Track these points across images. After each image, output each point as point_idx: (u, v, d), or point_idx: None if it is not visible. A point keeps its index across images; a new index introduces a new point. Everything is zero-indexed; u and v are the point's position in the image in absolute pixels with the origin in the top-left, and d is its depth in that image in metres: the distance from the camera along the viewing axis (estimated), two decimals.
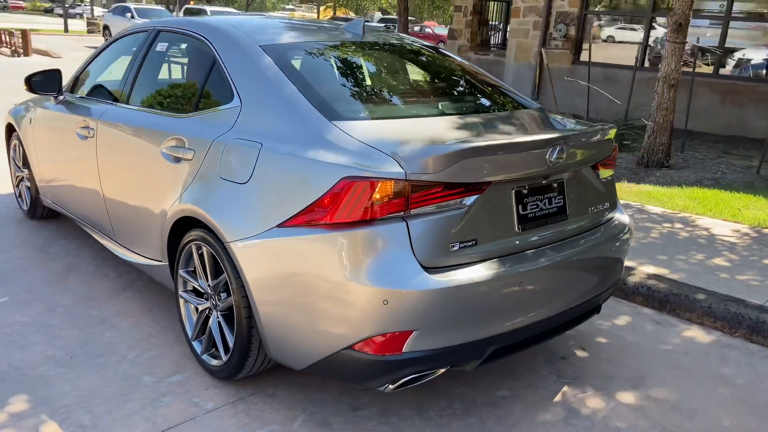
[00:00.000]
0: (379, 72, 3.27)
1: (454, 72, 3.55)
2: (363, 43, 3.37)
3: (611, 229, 3.05)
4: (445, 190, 2.37)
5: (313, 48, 3.18)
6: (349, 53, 3.28)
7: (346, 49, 3.30)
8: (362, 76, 3.16)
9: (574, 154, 2.79)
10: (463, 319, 2.41)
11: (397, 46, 3.58)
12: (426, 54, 3.67)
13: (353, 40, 3.37)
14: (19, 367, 3.03)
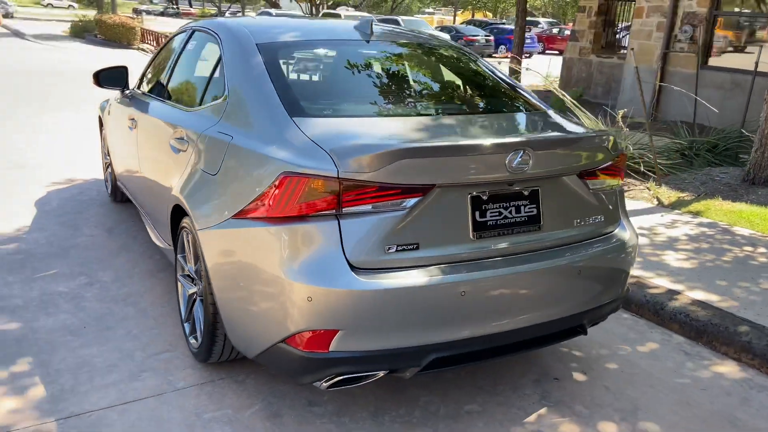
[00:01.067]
0: (367, 71, 3.25)
1: (459, 72, 3.44)
2: (366, 42, 3.36)
3: (604, 246, 2.81)
4: (380, 190, 2.32)
5: (311, 47, 3.24)
6: (345, 52, 3.29)
7: (344, 48, 3.32)
8: (347, 74, 3.16)
9: (549, 161, 2.61)
10: (395, 323, 2.35)
11: (403, 46, 3.53)
12: (434, 54, 3.59)
13: (358, 38, 3.37)
14: (38, 331, 3.37)
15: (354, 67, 3.19)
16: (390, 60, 3.33)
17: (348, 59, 3.27)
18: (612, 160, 2.86)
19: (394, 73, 3.25)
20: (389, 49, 3.43)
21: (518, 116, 3.11)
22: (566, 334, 2.84)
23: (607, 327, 3.71)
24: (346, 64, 3.22)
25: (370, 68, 3.23)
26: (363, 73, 3.20)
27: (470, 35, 29.36)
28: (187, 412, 2.75)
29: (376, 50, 3.37)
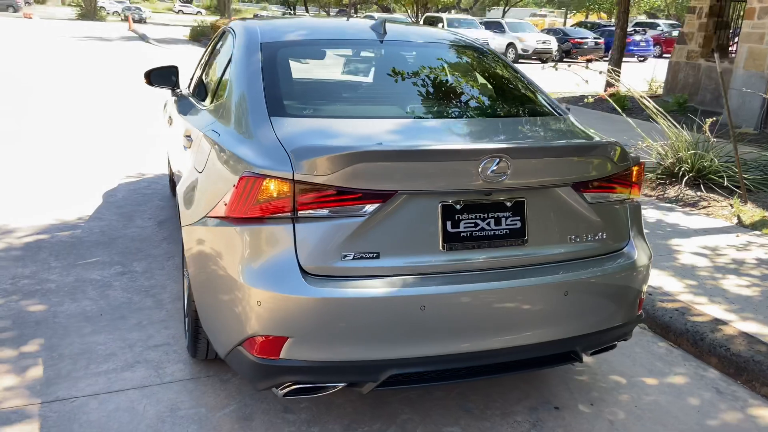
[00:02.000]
0: (367, 71, 3.14)
1: (469, 74, 3.25)
2: (380, 42, 3.24)
3: (606, 266, 2.55)
4: (338, 194, 2.22)
5: (318, 46, 3.17)
6: (350, 52, 3.20)
7: (351, 48, 3.23)
8: (344, 74, 3.07)
9: (536, 170, 2.40)
10: (348, 334, 2.24)
11: (414, 47, 3.38)
12: (446, 55, 3.41)
13: (371, 38, 3.27)
14: (58, 315, 3.54)
15: (354, 67, 3.11)
16: (393, 61, 3.21)
17: (351, 59, 3.18)
18: (618, 171, 2.59)
19: (393, 74, 3.12)
20: (398, 49, 3.30)
21: (515, 121, 2.89)
22: (555, 359, 2.60)
23: (633, 354, 3.39)
24: (347, 64, 3.14)
25: (371, 69, 3.12)
26: (362, 73, 3.10)
27: (578, 38, 28.25)
28: (162, 406, 2.77)
29: (383, 51, 3.26)
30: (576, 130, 2.85)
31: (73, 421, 2.64)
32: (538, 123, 2.90)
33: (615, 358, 3.35)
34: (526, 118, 2.95)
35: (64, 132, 8.53)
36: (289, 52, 3.08)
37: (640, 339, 3.58)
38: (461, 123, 2.76)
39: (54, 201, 5.55)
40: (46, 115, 9.75)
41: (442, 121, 2.76)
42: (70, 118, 9.52)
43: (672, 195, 6.31)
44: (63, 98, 11.44)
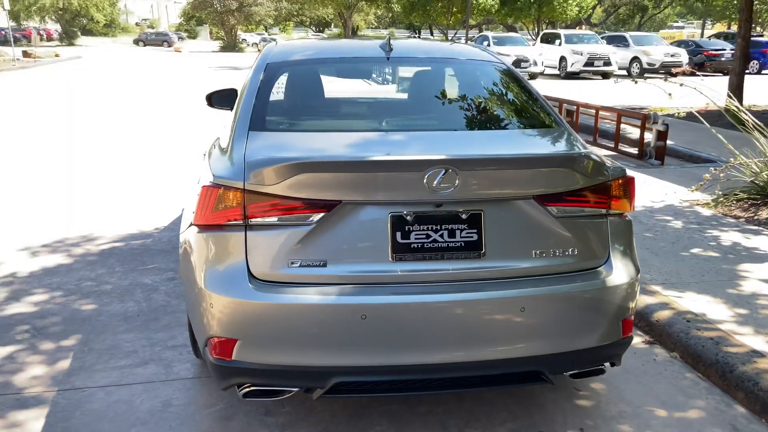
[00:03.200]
0: (361, 87, 3.19)
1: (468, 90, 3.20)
2: (387, 59, 3.29)
3: (576, 283, 2.43)
4: (283, 203, 2.31)
5: (322, 64, 3.29)
6: (350, 70, 3.28)
7: (353, 66, 3.31)
8: (338, 90, 3.14)
9: (491, 182, 2.35)
10: (293, 339, 2.31)
11: (419, 63, 3.39)
12: (449, 71, 3.39)
13: (378, 56, 3.33)
14: (103, 314, 3.90)
15: (349, 83, 3.19)
16: (391, 77, 3.25)
17: (349, 77, 3.27)
18: (592, 185, 2.46)
19: (387, 90, 3.16)
20: (400, 66, 3.34)
21: (487, 133, 2.82)
22: (521, 378, 2.50)
23: (652, 383, 3.15)
24: (343, 81, 3.22)
25: (366, 85, 3.18)
26: (356, 89, 3.17)
27: (712, 49, 26.37)
28: (158, 402, 2.98)
29: (386, 68, 3.31)
30: (562, 144, 2.73)
31: (77, 409, 2.91)
32: (517, 135, 2.82)
33: (627, 386, 3.13)
34: (505, 130, 2.87)
35: (168, 147, 9.31)
36: (291, 71, 3.22)
37: (667, 368, 3.32)
38: (426, 135, 2.74)
39: (138, 212, 6.09)
40: (160, 132, 10.69)
41: (409, 134, 2.77)
42: (178, 135, 10.37)
43: (764, 217, 5.75)
44: (176, 118, 12.47)
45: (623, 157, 8.96)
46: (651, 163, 8.55)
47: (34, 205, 6.36)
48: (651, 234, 5.22)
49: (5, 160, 8.49)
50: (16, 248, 5.08)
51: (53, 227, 5.61)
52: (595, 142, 9.81)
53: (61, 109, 14.11)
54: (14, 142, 9.90)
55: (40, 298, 4.13)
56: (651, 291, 3.99)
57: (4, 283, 4.40)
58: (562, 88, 19.15)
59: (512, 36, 28.20)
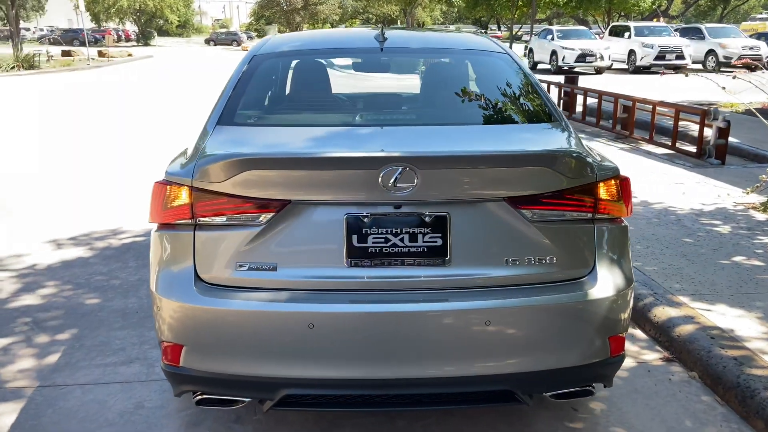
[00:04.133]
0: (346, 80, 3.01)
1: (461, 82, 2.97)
2: (375, 50, 3.10)
3: (552, 295, 2.19)
4: (231, 202, 2.17)
5: (311, 56, 3.15)
6: (338, 61, 3.11)
7: (342, 57, 3.15)
8: (321, 83, 2.98)
9: (458, 183, 2.13)
10: (238, 347, 2.17)
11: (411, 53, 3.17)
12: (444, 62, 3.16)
13: (371, 47, 3.14)
14: (104, 309, 3.89)
15: (332, 75, 3.02)
16: (379, 69, 3.06)
17: (334, 68, 3.10)
18: (574, 186, 2.20)
19: (371, 83, 2.97)
20: (393, 57, 3.14)
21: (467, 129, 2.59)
22: (492, 398, 2.27)
23: (661, 406, 2.85)
24: (325, 73, 3.06)
25: (352, 77, 3.01)
26: (339, 81, 3.00)
27: None
28: (131, 402, 2.91)
29: (378, 59, 3.12)
30: (547, 140, 2.48)
31: (51, 406, 2.88)
32: (499, 130, 2.57)
33: (633, 407, 2.84)
34: (488, 125, 2.63)
35: None
36: (276, 63, 3.08)
37: (682, 389, 3.00)
38: (397, 131, 2.53)
39: None
40: None
41: (379, 129, 2.56)
42: None
43: None
44: None
45: (680, 156, 8.40)
46: (710, 163, 7.98)
47: (77, 196, 6.51)
48: (691, 240, 4.81)
49: (58, 153, 8.78)
50: (44, 240, 5.18)
51: (86, 220, 5.71)
52: (651, 139, 9.26)
53: (115, 105, 14.56)
54: (67, 136, 10.24)
55: (49, 291, 4.17)
56: (677, 302, 3.64)
57: (22, 274, 4.48)
58: (628, 83, 18.33)
59: (577, 29, 27.18)
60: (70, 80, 21.89)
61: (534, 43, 26.82)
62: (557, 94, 12.24)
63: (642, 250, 4.55)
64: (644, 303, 3.68)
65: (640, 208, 5.71)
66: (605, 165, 2.32)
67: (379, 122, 2.62)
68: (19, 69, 24.59)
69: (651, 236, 4.88)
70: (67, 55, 31.58)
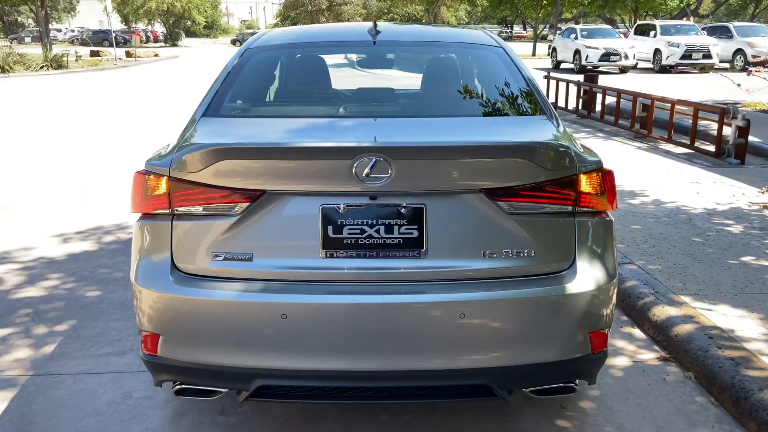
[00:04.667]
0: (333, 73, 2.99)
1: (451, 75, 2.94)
2: (368, 43, 3.09)
3: (529, 288, 2.15)
4: (207, 192, 2.18)
5: (297, 50, 3.15)
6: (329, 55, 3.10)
7: (333, 49, 3.14)
8: (307, 76, 2.97)
9: (433, 174, 2.11)
10: (212, 337, 2.17)
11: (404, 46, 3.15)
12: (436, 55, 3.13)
13: (362, 40, 3.12)
14: (104, 301, 3.94)
15: (320, 69, 3.01)
16: (371, 62, 3.04)
17: (324, 62, 3.09)
18: (554, 178, 2.16)
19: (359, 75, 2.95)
20: (385, 50, 3.12)
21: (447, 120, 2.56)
22: (466, 392, 2.24)
23: (653, 406, 2.79)
24: (315, 66, 3.05)
25: (345, 73, 2.99)
26: (327, 74, 2.98)
27: None
28: (119, 392, 2.93)
29: (369, 52, 3.10)
30: (527, 131, 2.44)
31: (42, 395, 2.92)
32: (479, 122, 2.54)
33: (624, 407, 2.78)
34: (469, 117, 2.59)
35: None
36: (268, 56, 3.09)
37: (676, 389, 2.93)
38: (378, 123, 2.50)
39: None
40: None
41: (361, 120, 2.54)
42: None
43: None
44: None
45: (699, 155, 8.23)
46: (729, 162, 7.81)
47: (88, 191, 6.61)
48: (700, 239, 4.71)
49: (71, 149, 8.92)
50: (52, 234, 5.26)
51: (95, 214, 5.78)
52: (670, 138, 9.08)
53: (134, 103, 14.76)
54: (83, 133, 10.40)
55: (53, 283, 4.23)
56: (678, 302, 3.56)
57: (28, 267, 4.55)
58: (653, 83, 18.05)
59: (602, 27, 26.84)
60: (96, 79, 22.26)
61: (557, 42, 26.53)
62: (576, 93, 12.09)
63: (648, 249, 4.46)
64: (644, 302, 3.60)
65: (652, 207, 5.60)
66: (587, 158, 2.27)
67: (363, 114, 2.61)
68: (47, 69, 25.08)
69: (659, 235, 4.79)
70: (95, 55, 32.13)
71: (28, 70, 24.41)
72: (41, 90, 18.26)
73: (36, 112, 13.21)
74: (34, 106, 14.43)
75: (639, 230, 4.90)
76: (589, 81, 12.16)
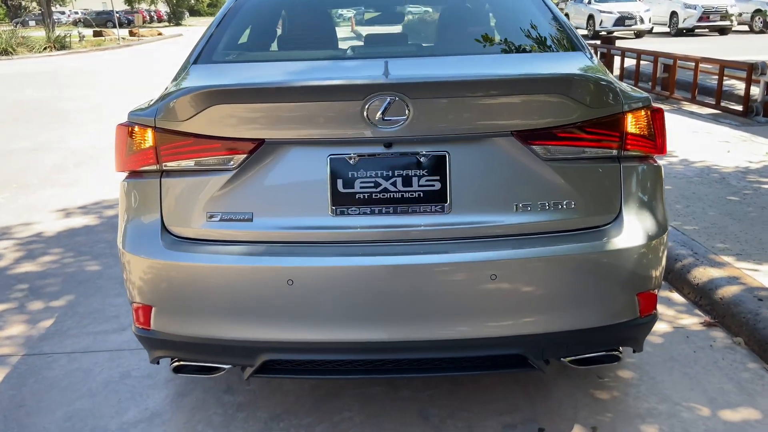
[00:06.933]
0: (339, 16, 2.70)
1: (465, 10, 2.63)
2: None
3: (570, 245, 1.88)
4: (199, 144, 1.91)
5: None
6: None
7: None
8: (306, 19, 2.68)
9: (457, 116, 1.83)
10: (212, 308, 1.93)
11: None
12: None
13: None
14: (102, 277, 3.71)
15: (324, 12, 2.72)
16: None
17: (327, 5, 2.80)
18: (596, 117, 1.87)
19: (373, 13, 2.66)
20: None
21: (469, 57, 2.27)
22: (498, 363, 1.99)
23: (701, 374, 2.54)
24: (319, 9, 2.76)
25: (344, 13, 2.71)
26: (331, 19, 2.70)
27: None
28: (117, 372, 2.71)
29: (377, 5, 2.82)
30: (563, 65, 2.15)
31: (34, 375, 2.70)
32: (506, 58, 2.25)
33: (668, 376, 2.52)
34: (493, 54, 2.31)
35: None
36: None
37: (726, 356, 2.67)
38: (390, 62, 2.21)
39: None
40: None
41: (370, 60, 2.26)
42: None
43: None
44: None
45: (725, 115, 7.86)
46: (757, 121, 7.45)
47: (90, 166, 6.38)
48: (737, 198, 4.40)
49: (73, 125, 8.68)
50: (53, 209, 5.05)
51: (97, 190, 5.56)
52: (694, 99, 8.70)
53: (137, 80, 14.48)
54: (85, 109, 10.15)
55: (51, 258, 4.01)
56: (720, 263, 3.28)
57: (28, 241, 4.34)
58: (670, 47, 17.48)
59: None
60: (99, 58, 21.96)
61: (570, 7, 25.81)
62: None
63: (681, 210, 4.16)
64: (683, 264, 3.32)
65: (681, 167, 5.29)
66: (634, 94, 1.98)
67: (374, 54, 2.32)
68: (51, 50, 24.79)
69: (692, 195, 4.48)
70: (98, 35, 31.76)
71: (31, 51, 24.12)
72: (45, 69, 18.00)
73: (37, 91, 12.97)
74: (37, 85, 14.18)
75: (670, 191, 4.59)
76: (606, 43, 11.73)
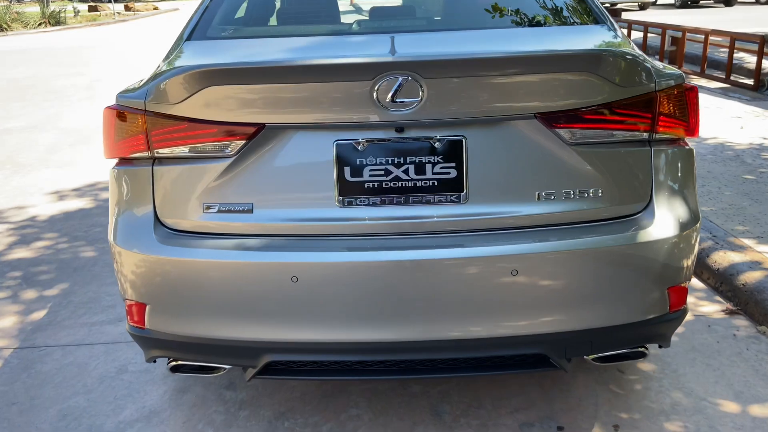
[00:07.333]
0: None
1: None
2: None
3: (597, 237, 1.74)
4: (193, 129, 1.76)
5: None
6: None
7: None
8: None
9: (475, 97, 1.68)
10: (210, 306, 1.79)
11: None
12: None
13: None
14: (98, 263, 3.58)
15: None
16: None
17: None
18: (626, 97, 1.72)
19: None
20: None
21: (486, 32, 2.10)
22: (517, 363, 1.86)
23: (726, 367, 2.41)
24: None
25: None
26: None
27: None
28: (113, 365, 2.59)
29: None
30: (590, 41, 1.99)
31: (27, 370, 2.59)
32: (526, 33, 2.08)
33: (691, 369, 2.41)
34: (513, 28, 2.14)
35: None
36: None
37: (750, 346, 2.55)
38: (400, 37, 2.04)
39: None
40: None
41: (378, 36, 2.09)
42: None
43: None
44: None
45: (736, 89, 7.68)
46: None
47: (84, 148, 6.21)
48: (753, 176, 4.25)
49: (66, 106, 8.49)
50: (47, 192, 4.90)
51: (92, 171, 5.41)
52: (703, 73, 8.51)
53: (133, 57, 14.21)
54: (79, 89, 9.94)
55: (45, 244, 3.88)
56: (740, 246, 3.14)
57: (21, 226, 4.21)
58: (676, 19, 17.14)
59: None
60: (95, 34, 21.60)
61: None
62: None
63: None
64: (702, 248, 3.19)
65: (692, 144, 5.11)
66: (666, 71, 1.82)
67: (380, 29, 2.16)
68: (45, 26, 24.38)
69: (706, 174, 4.33)
70: (93, 10, 31.25)
71: (26, 27, 23.73)
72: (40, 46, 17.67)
73: (31, 68, 12.72)
74: (31, 61, 13.91)
75: None
76: (612, 15, 11.46)
